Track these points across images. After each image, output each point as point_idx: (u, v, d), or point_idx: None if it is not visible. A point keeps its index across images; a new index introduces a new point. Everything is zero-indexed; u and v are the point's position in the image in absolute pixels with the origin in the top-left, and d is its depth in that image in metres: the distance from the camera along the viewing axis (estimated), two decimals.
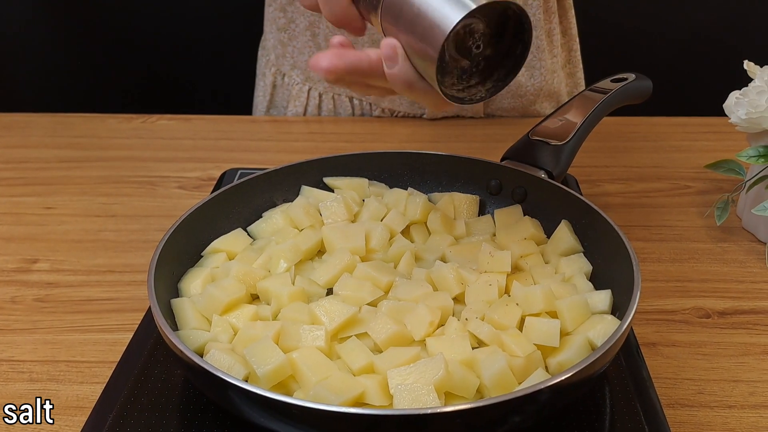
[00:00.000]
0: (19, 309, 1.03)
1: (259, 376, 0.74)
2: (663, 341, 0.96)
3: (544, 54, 1.56)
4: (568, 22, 1.60)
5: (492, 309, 0.84)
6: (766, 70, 1.12)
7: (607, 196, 1.30)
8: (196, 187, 1.34)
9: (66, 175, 1.38)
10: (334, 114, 1.62)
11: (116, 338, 0.97)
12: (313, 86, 1.59)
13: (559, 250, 0.97)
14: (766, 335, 0.97)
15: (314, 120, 1.60)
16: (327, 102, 1.61)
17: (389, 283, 0.90)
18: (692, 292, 1.06)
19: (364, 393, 0.74)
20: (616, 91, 1.15)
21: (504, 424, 0.69)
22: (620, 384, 0.84)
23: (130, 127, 1.57)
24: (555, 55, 1.59)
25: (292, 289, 0.88)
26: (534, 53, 1.55)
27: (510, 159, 1.07)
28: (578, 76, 1.69)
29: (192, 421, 0.79)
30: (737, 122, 1.13)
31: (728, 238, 1.18)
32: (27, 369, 0.92)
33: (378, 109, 1.60)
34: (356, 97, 1.59)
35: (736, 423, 0.84)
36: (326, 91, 1.60)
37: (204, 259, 0.97)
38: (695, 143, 1.49)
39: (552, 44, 1.57)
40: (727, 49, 2.44)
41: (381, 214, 1.03)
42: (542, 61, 1.56)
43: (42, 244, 1.16)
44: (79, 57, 2.57)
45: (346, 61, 0.78)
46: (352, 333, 0.83)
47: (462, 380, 0.75)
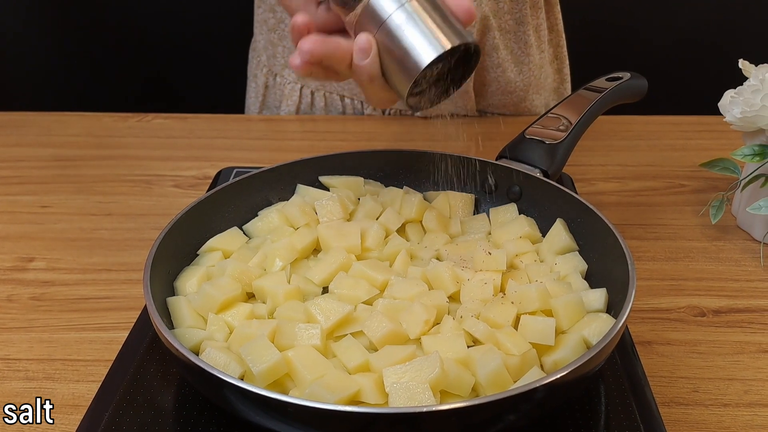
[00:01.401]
0: (15, 307, 1.03)
1: (254, 375, 0.74)
2: (658, 340, 0.97)
3: (532, 49, 1.56)
4: (554, 18, 1.61)
5: (487, 307, 0.84)
6: (761, 69, 1.12)
7: (602, 195, 1.30)
8: (191, 185, 1.34)
9: (62, 173, 1.38)
10: (325, 112, 1.62)
11: (112, 336, 0.97)
12: (305, 84, 1.59)
13: (554, 249, 0.97)
14: (760, 334, 0.98)
15: (309, 119, 1.60)
16: (319, 100, 1.61)
17: (385, 281, 0.91)
18: (687, 291, 1.06)
19: (360, 391, 0.74)
20: (611, 90, 1.15)
21: (499, 423, 0.70)
22: (615, 382, 0.84)
23: (126, 126, 1.57)
24: (543, 50, 1.59)
25: (288, 287, 0.88)
26: (522, 49, 1.55)
27: (505, 157, 1.07)
28: (565, 72, 1.69)
29: (188, 420, 0.80)
30: (732, 121, 1.13)
31: (723, 236, 1.18)
32: (23, 367, 0.92)
33: (369, 107, 1.60)
34: (347, 96, 1.60)
35: (731, 421, 0.84)
36: (318, 89, 1.61)
37: (200, 258, 0.97)
38: (690, 142, 1.50)
39: (539, 40, 1.58)
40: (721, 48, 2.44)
41: (376, 212, 1.03)
42: (530, 57, 1.56)
43: (38, 243, 1.16)
44: (75, 56, 2.57)
45: (326, 47, 0.83)
46: (348, 331, 0.83)
47: (457, 378, 0.75)
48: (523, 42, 1.54)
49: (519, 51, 1.55)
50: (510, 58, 1.55)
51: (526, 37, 1.54)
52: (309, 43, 0.83)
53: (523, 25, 1.52)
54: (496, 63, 1.54)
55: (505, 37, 1.53)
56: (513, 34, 1.53)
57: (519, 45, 1.55)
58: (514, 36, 1.53)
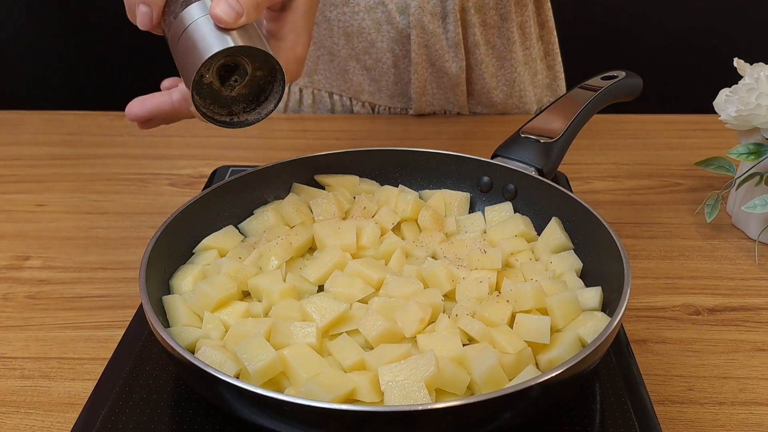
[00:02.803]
0: (11, 306, 1.03)
1: (250, 373, 0.74)
2: (653, 338, 0.97)
3: (515, 46, 1.56)
4: (545, 15, 1.61)
5: (482, 306, 0.84)
6: (755, 68, 1.12)
7: (597, 194, 1.31)
8: (187, 184, 1.34)
9: (58, 172, 1.38)
10: (313, 109, 1.63)
11: (108, 335, 0.97)
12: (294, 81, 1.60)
13: (549, 247, 0.97)
14: (755, 332, 0.98)
15: (305, 117, 1.60)
16: (307, 97, 1.62)
17: (380, 280, 0.91)
18: (682, 290, 1.06)
19: (355, 390, 0.74)
20: (606, 88, 1.15)
21: (494, 421, 0.70)
22: (610, 381, 0.84)
23: (122, 125, 1.57)
24: (528, 47, 1.60)
25: (283, 286, 0.88)
26: (505, 45, 1.56)
27: (500, 156, 1.07)
28: (557, 69, 1.70)
29: (183, 418, 0.80)
30: (727, 119, 1.14)
31: (718, 235, 1.18)
32: (19, 366, 0.92)
33: (358, 103, 1.61)
34: (336, 92, 1.61)
35: (726, 419, 0.85)
36: (306, 87, 1.62)
37: (195, 256, 0.97)
38: (685, 140, 1.50)
39: (525, 36, 1.58)
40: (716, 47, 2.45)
41: (372, 211, 1.03)
42: (513, 53, 1.57)
43: (34, 241, 1.17)
44: (71, 55, 2.58)
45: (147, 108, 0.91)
46: (343, 330, 0.83)
47: (453, 377, 0.75)
48: (506, 38, 1.55)
49: (502, 47, 1.56)
50: (492, 53, 1.55)
51: (509, 34, 1.54)
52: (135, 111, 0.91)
53: (507, 21, 1.53)
54: (479, 60, 1.54)
55: (488, 33, 1.53)
56: (497, 30, 1.53)
57: (502, 41, 1.55)
58: (497, 32, 1.54)
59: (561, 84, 1.71)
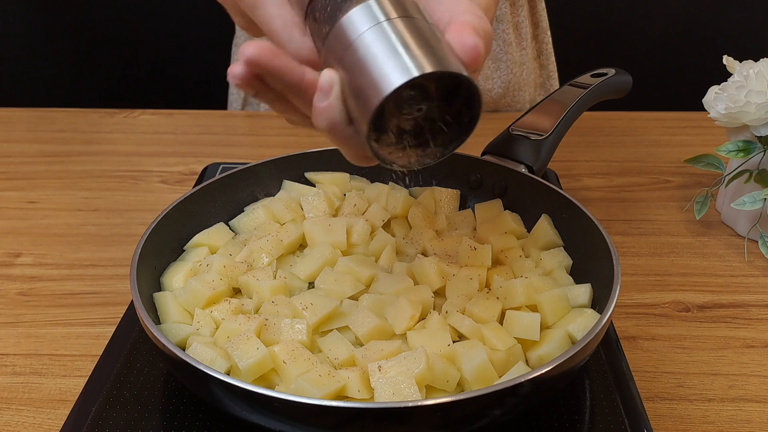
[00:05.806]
0: (2, 302, 1.03)
1: (240, 370, 0.74)
2: (643, 335, 0.97)
3: (511, 47, 1.56)
4: (538, 15, 1.61)
5: (472, 303, 0.85)
6: (745, 65, 1.12)
7: (587, 191, 1.31)
8: (178, 181, 1.34)
9: (48, 169, 1.38)
10: None
11: (99, 332, 0.97)
12: None
13: (539, 244, 0.97)
14: (745, 329, 0.98)
15: None
16: None
17: (370, 276, 0.91)
18: (672, 286, 1.06)
19: (346, 386, 0.74)
20: (596, 86, 1.15)
21: (484, 418, 0.70)
22: (600, 377, 0.84)
23: (113, 122, 1.57)
24: (523, 47, 1.60)
25: (274, 283, 0.89)
26: (501, 47, 1.56)
27: (490, 153, 1.08)
28: (551, 69, 1.70)
29: (174, 414, 0.80)
30: (716, 117, 1.14)
31: (707, 232, 1.19)
32: (10, 362, 0.92)
33: None
34: None
35: (715, 416, 0.85)
36: None
37: (186, 253, 0.97)
38: (675, 138, 1.50)
39: (520, 37, 1.58)
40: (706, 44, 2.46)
41: (362, 208, 1.03)
42: (509, 54, 1.57)
43: (25, 238, 1.16)
44: (62, 52, 2.57)
45: (277, 63, 0.63)
46: (334, 327, 0.84)
47: (443, 373, 0.75)
48: (502, 40, 1.55)
49: (497, 48, 1.56)
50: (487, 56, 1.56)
51: (505, 35, 1.54)
52: (253, 49, 0.62)
53: (503, 23, 1.53)
54: None
55: None
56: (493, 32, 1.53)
57: (498, 43, 1.55)
58: (493, 34, 1.54)
59: (554, 83, 1.71)
